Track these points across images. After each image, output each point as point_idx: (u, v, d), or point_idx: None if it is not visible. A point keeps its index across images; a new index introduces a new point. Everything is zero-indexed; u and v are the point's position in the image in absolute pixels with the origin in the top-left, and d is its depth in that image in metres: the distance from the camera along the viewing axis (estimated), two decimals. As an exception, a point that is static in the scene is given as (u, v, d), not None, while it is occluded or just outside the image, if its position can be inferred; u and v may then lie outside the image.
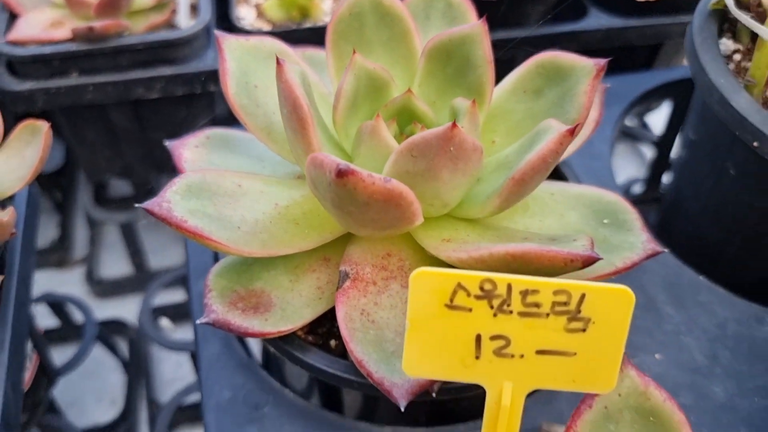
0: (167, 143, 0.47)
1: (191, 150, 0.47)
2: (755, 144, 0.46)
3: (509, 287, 0.30)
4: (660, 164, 0.79)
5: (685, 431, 0.33)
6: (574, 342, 0.31)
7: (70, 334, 0.76)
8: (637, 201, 0.80)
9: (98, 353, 0.78)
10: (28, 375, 0.58)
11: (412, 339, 0.31)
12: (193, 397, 0.69)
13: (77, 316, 0.77)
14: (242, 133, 0.49)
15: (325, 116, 0.44)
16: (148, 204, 0.37)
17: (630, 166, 0.96)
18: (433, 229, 0.40)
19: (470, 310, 0.31)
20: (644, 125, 0.98)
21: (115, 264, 0.86)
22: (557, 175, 0.54)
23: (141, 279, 0.83)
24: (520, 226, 0.43)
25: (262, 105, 0.45)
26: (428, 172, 0.36)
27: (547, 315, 0.31)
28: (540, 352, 0.31)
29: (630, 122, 0.99)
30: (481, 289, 0.30)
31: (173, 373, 0.77)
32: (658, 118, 0.92)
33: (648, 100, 0.68)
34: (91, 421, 0.73)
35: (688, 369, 0.48)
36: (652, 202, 0.79)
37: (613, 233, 0.42)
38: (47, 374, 0.63)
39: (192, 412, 0.70)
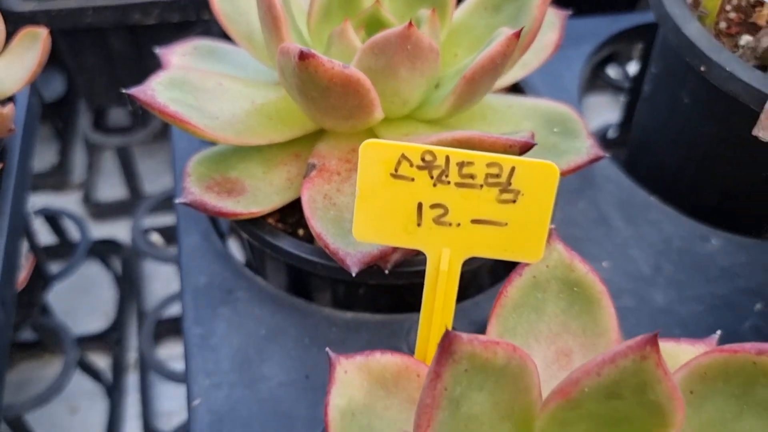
0: (157, 50, 0.50)
1: (179, 57, 0.50)
2: (702, 68, 0.50)
3: (447, 159, 0.34)
4: (632, 106, 0.82)
5: (605, 300, 0.37)
6: (505, 212, 0.35)
7: (67, 251, 0.80)
8: (611, 144, 0.84)
9: (93, 270, 0.83)
10: (24, 275, 0.62)
11: (361, 206, 0.35)
12: (178, 309, 0.73)
13: (74, 235, 0.81)
14: (228, 45, 0.53)
15: (302, 28, 0.47)
16: (134, 90, 0.41)
17: (612, 116, 0.99)
18: (395, 127, 0.44)
19: (412, 179, 0.34)
20: (628, 77, 1.01)
21: (111, 188, 0.91)
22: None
23: (135, 203, 0.87)
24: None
25: (244, 14, 0.48)
26: (388, 69, 0.40)
27: (481, 186, 0.34)
28: (475, 221, 0.35)
29: (614, 74, 1.02)
30: (423, 159, 0.34)
31: (163, 290, 0.81)
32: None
33: (620, 41, 0.72)
34: (85, 331, 0.78)
35: (632, 277, 0.52)
36: (625, 145, 0.83)
37: (562, 140, 0.46)
38: (43, 277, 0.68)
39: (178, 324, 0.74)
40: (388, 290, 0.47)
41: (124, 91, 0.41)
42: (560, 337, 0.38)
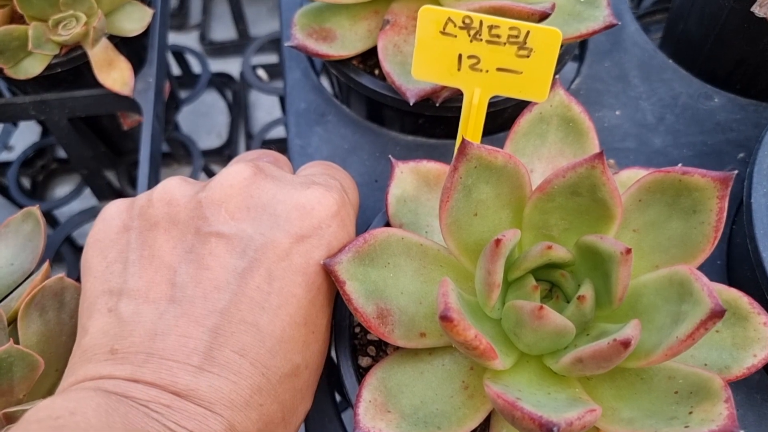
0: None
1: None
2: (718, -49, 0.59)
3: (481, 22, 0.47)
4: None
5: (592, 133, 0.50)
6: (521, 64, 0.48)
7: (190, 82, 0.98)
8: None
9: (210, 98, 1.00)
10: (166, 92, 0.80)
11: (418, 54, 0.49)
12: (279, 132, 0.90)
13: (195, 68, 0.98)
14: None
15: None
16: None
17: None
18: (453, -4, 0.57)
19: (455, 36, 0.48)
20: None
21: (223, 30, 1.06)
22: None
23: (243, 43, 1.02)
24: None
25: None
26: (448, -52, 0.52)
27: (504, 44, 0.48)
28: (499, 69, 0.49)
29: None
30: (463, 22, 0.47)
31: (266, 116, 0.98)
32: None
33: None
34: (204, 147, 0.96)
35: (638, 124, 0.64)
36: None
37: (585, 9, 0.58)
38: (175, 101, 0.85)
39: (280, 145, 0.92)
40: (439, 121, 0.62)
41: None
42: (557, 158, 0.52)
